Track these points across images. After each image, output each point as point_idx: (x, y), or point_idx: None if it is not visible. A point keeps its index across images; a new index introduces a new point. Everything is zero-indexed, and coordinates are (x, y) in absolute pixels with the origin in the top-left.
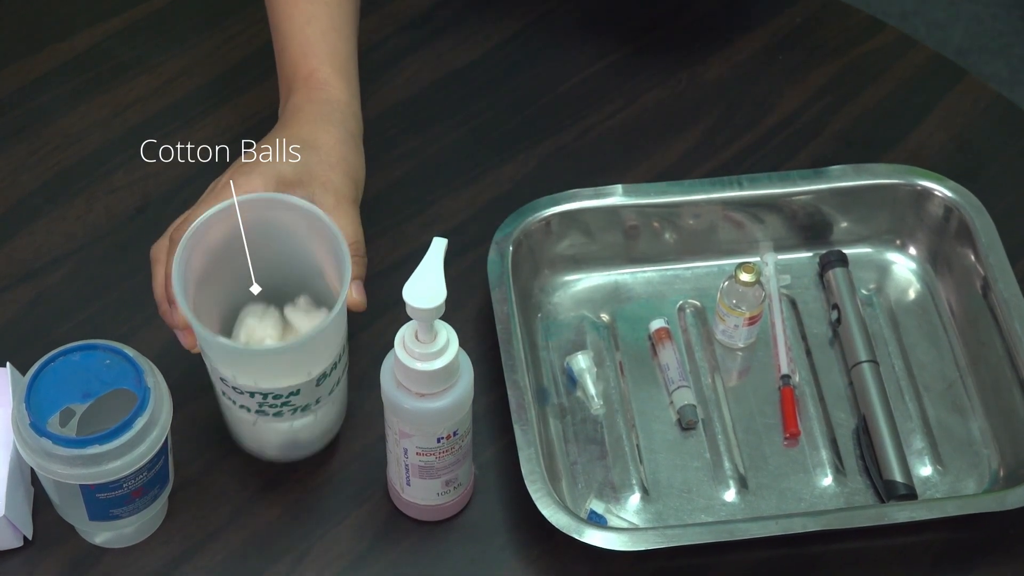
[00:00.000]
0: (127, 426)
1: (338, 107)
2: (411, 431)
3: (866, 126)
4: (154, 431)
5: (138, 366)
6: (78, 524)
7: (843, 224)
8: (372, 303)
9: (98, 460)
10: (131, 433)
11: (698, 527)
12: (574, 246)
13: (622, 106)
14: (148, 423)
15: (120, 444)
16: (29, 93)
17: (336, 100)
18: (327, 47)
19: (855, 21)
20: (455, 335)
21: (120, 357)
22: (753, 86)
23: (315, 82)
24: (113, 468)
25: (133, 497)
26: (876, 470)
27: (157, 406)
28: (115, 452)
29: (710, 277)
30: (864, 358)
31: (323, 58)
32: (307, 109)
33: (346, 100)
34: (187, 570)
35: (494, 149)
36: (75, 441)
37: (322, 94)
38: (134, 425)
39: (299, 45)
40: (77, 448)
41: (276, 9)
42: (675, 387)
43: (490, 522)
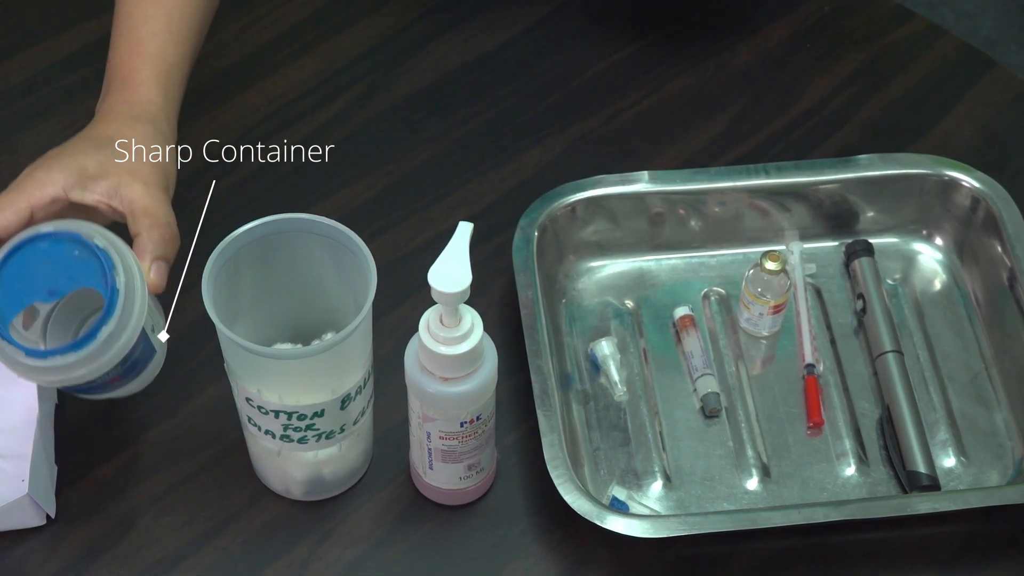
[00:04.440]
0: (91, 336)
1: (149, 108)
2: (434, 415)
3: (894, 115)
4: (122, 336)
5: (107, 259)
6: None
7: (869, 213)
8: (397, 287)
9: (63, 370)
10: (96, 343)
11: (720, 515)
12: (599, 232)
13: (649, 92)
14: (115, 331)
15: (85, 355)
16: (57, 73)
17: (148, 102)
18: (155, 49)
19: (884, 10)
20: (480, 319)
21: (88, 250)
22: (781, 74)
23: (131, 83)
24: (80, 375)
25: (112, 383)
26: (899, 460)
27: (126, 309)
28: (80, 362)
29: (735, 265)
30: (889, 348)
31: (146, 59)
32: (119, 109)
33: (159, 103)
34: (208, 550)
35: (520, 134)
36: (37, 352)
37: (135, 95)
38: (99, 335)
39: (128, 44)
40: (39, 359)
41: (119, 6)
42: (699, 375)
43: (512, 507)
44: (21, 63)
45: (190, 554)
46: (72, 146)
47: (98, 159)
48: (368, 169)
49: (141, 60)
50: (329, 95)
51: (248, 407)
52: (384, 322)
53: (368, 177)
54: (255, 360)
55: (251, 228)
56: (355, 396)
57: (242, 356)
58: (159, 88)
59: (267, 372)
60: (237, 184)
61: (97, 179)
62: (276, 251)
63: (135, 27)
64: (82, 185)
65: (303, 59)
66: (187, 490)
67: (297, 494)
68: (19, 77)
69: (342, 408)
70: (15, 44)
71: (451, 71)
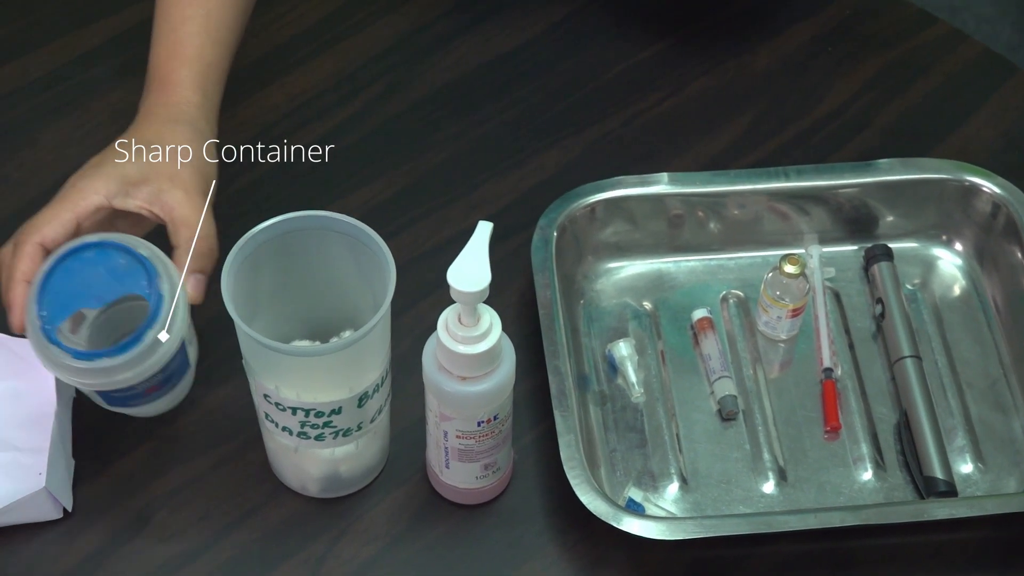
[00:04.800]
0: (137, 339)
1: (188, 109)
2: (452, 414)
3: (914, 120)
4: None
5: (151, 268)
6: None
7: (889, 218)
8: (415, 285)
9: (108, 372)
10: (141, 346)
11: (736, 518)
12: (618, 233)
13: (669, 94)
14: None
15: (130, 357)
16: (78, 67)
17: (187, 102)
18: (193, 50)
19: (906, 14)
20: (498, 319)
21: (133, 259)
22: (801, 77)
23: (171, 84)
24: (124, 378)
25: (149, 392)
26: (916, 466)
27: (170, 314)
28: (125, 365)
29: (754, 268)
30: (907, 353)
31: (185, 60)
32: (157, 112)
33: (197, 103)
34: (225, 546)
35: (539, 134)
36: (83, 354)
37: (173, 96)
38: (144, 337)
39: (167, 45)
40: (86, 360)
41: (158, 7)
42: (716, 377)
43: (528, 507)
44: (42, 57)
45: (206, 549)
46: (113, 154)
47: (139, 165)
48: (387, 168)
49: (180, 61)
50: (348, 93)
51: (265, 403)
52: (402, 320)
53: (387, 176)
54: (273, 357)
55: (271, 225)
56: (372, 394)
57: (260, 352)
58: (197, 88)
59: (285, 369)
60: (257, 181)
61: (139, 185)
62: (295, 248)
63: (174, 28)
64: (124, 192)
65: (322, 57)
66: (204, 486)
67: (313, 491)
68: (40, 71)
69: (359, 406)
70: (37, 38)
71: (471, 70)
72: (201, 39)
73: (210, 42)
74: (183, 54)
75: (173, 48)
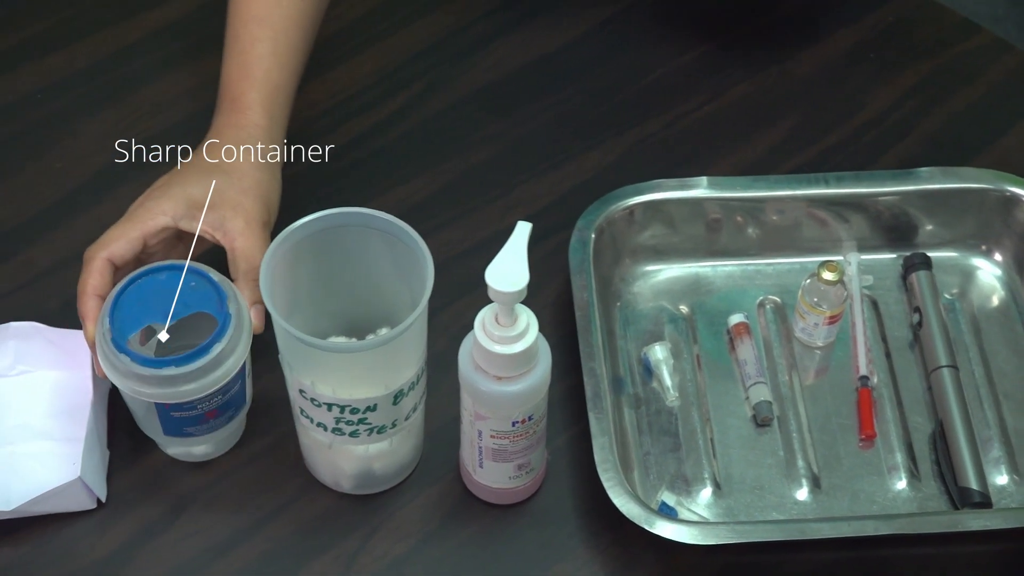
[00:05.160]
0: (204, 351)
1: (255, 132)
2: (487, 413)
3: (956, 129)
4: (230, 357)
5: (222, 291)
6: (154, 436)
7: (928, 227)
8: (452, 284)
9: (173, 381)
10: (207, 358)
11: (769, 524)
12: (656, 236)
13: (709, 98)
14: (225, 349)
15: (196, 368)
16: (120, 60)
17: (254, 125)
18: (261, 72)
19: (949, 22)
20: (535, 320)
21: (205, 280)
22: (843, 83)
23: (239, 106)
24: (187, 390)
25: (207, 418)
26: (951, 476)
27: (236, 334)
28: (190, 375)
29: (792, 274)
30: (944, 363)
31: (253, 83)
32: (226, 133)
33: (265, 126)
34: (257, 541)
35: (579, 136)
36: (152, 361)
37: (243, 118)
38: (211, 350)
39: (237, 66)
40: (153, 368)
41: (229, 28)
42: (751, 383)
43: (560, 508)
44: (86, 48)
45: (238, 543)
46: (181, 176)
47: (205, 188)
48: (427, 166)
49: (249, 84)
50: (389, 91)
51: (301, 399)
52: (438, 319)
53: (426, 174)
54: (310, 352)
55: (310, 221)
56: (408, 392)
57: (297, 348)
58: (264, 112)
59: (321, 365)
60: (296, 177)
61: (204, 209)
62: (334, 245)
63: (244, 50)
64: (190, 215)
65: (363, 55)
66: (237, 479)
67: (347, 487)
68: (84, 62)
69: (394, 403)
70: (81, 29)
71: (512, 71)
72: (269, 62)
73: (278, 64)
74: (252, 75)
75: (242, 70)
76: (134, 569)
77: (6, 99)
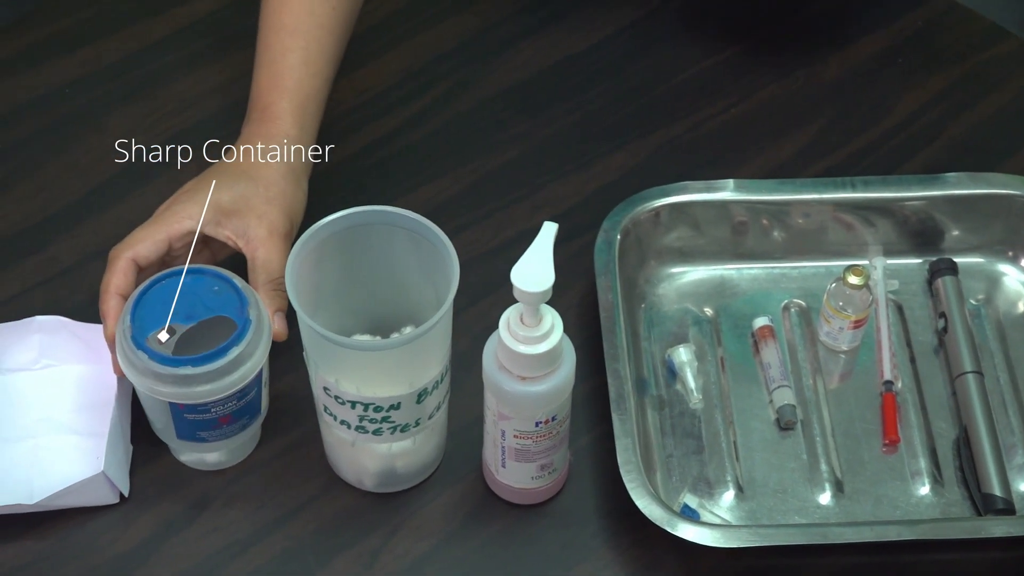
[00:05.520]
0: (221, 353)
1: (286, 142)
2: (510, 413)
3: (984, 134)
4: (247, 362)
5: (243, 296)
6: (168, 441)
7: (955, 232)
8: (477, 283)
9: (189, 381)
10: (224, 360)
11: (791, 528)
12: (682, 239)
13: (736, 101)
14: (242, 354)
15: (212, 369)
16: (147, 56)
17: (284, 135)
18: (293, 82)
19: (978, 27)
20: (560, 320)
21: (228, 285)
22: (871, 88)
23: (269, 115)
24: (202, 391)
25: (220, 423)
26: (975, 482)
27: (254, 339)
28: (206, 376)
29: (817, 278)
30: (969, 368)
31: (284, 92)
32: (255, 142)
33: (295, 136)
34: (278, 538)
35: (605, 137)
36: (169, 359)
37: (272, 128)
38: (228, 353)
39: (268, 76)
40: (170, 367)
41: (260, 36)
42: (775, 386)
43: (582, 509)
44: (113, 44)
45: (260, 540)
46: (209, 181)
47: (232, 196)
48: (453, 165)
49: (279, 93)
50: (415, 90)
51: (325, 396)
52: (463, 318)
53: (452, 173)
54: (334, 350)
55: (336, 219)
56: (432, 391)
57: (322, 345)
58: (295, 122)
59: (346, 362)
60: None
61: (230, 216)
62: (359, 243)
63: (274, 59)
64: (216, 221)
65: (390, 53)
66: (260, 476)
67: (369, 485)
68: (111, 58)
69: (418, 402)
70: (109, 25)
71: (539, 71)
72: (300, 72)
73: (309, 74)
74: (283, 85)
75: (273, 79)
76: (156, 564)
77: (34, 94)
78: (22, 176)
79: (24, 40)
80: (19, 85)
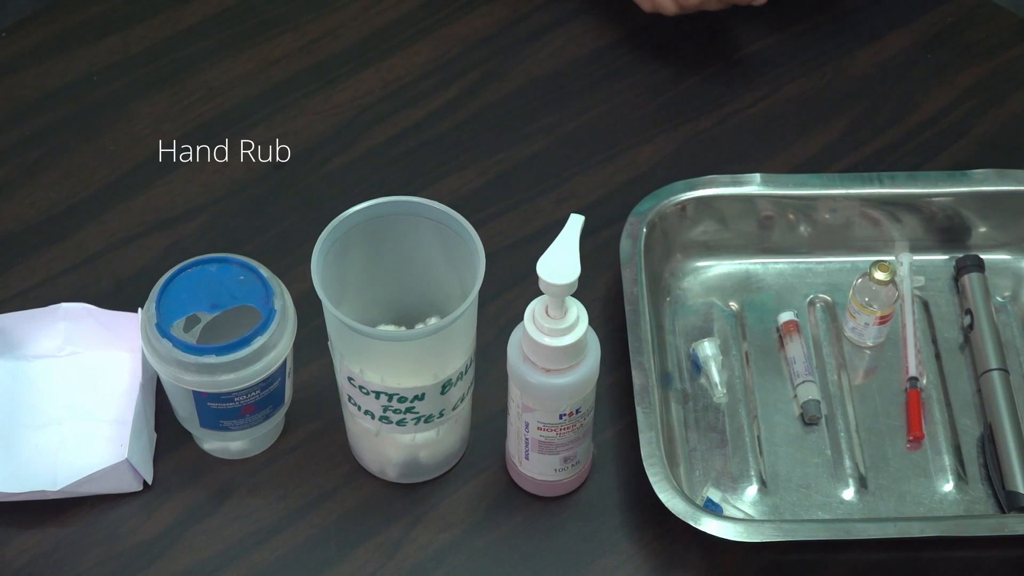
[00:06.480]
0: (245, 342)
1: None
2: (534, 406)
3: (1012, 131)
4: (271, 352)
5: (269, 286)
6: (191, 429)
7: (982, 229)
8: (502, 275)
9: (212, 370)
10: (248, 350)
11: (814, 523)
12: (708, 232)
13: (765, 95)
14: (267, 343)
15: (236, 359)
16: (176, 44)
17: None
18: None
19: (1007, 24)
20: (585, 312)
21: (254, 275)
22: (899, 83)
23: None
24: (225, 380)
25: (244, 412)
26: (999, 480)
27: (279, 329)
28: (230, 365)
29: (843, 273)
30: (994, 366)
31: None
32: None
33: None
34: (302, 526)
35: (633, 129)
36: (193, 348)
37: None
38: (252, 343)
39: None
40: (194, 355)
41: None
42: (800, 381)
43: (605, 502)
44: (142, 32)
45: (283, 528)
46: None
47: None
48: (479, 156)
49: None
50: (444, 81)
51: (349, 386)
52: (488, 310)
53: (479, 164)
54: (359, 340)
55: (361, 209)
56: (456, 382)
57: (347, 335)
58: None
59: (371, 353)
60: (349, 164)
61: None
62: (385, 233)
63: None
64: None
65: (419, 44)
66: (283, 465)
67: (392, 476)
68: (139, 46)
69: (442, 393)
70: (137, 13)
71: (567, 63)
72: None
73: None
74: None
75: None
76: (179, 551)
77: (62, 81)
78: (50, 163)
79: (54, 27)
80: (48, 72)
